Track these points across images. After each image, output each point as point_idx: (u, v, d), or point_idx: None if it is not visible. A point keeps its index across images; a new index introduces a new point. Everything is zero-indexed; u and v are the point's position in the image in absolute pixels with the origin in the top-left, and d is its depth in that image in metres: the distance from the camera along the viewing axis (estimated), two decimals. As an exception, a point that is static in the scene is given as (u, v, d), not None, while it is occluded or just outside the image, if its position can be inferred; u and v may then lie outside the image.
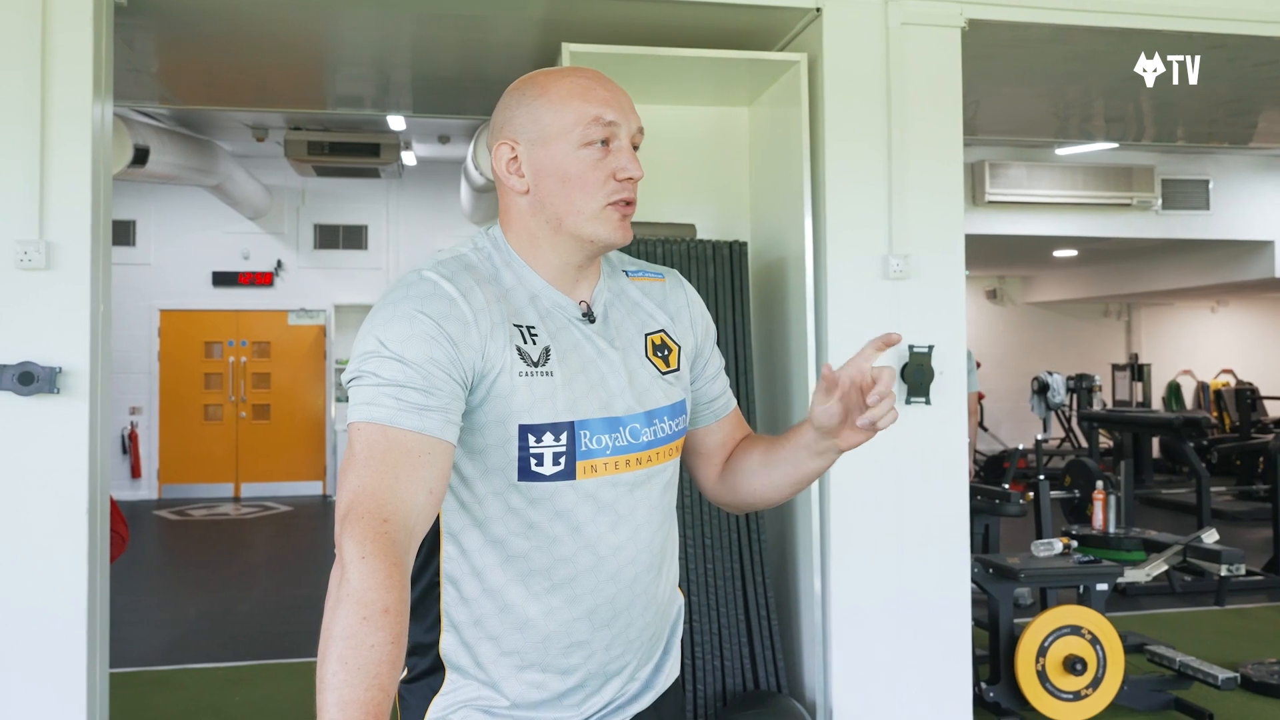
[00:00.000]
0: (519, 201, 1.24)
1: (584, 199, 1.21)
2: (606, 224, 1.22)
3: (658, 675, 1.34)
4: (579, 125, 1.20)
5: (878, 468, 3.21)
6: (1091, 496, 4.85)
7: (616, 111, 1.22)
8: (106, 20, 2.94)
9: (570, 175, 1.21)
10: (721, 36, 3.52)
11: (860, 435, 1.26)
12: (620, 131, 1.22)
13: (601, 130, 1.21)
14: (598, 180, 1.21)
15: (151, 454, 10.50)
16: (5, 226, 2.77)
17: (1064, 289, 13.11)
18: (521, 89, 1.25)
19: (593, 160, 1.21)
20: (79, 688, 2.78)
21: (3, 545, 2.75)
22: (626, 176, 1.22)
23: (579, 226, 1.22)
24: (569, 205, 1.21)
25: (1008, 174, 8.32)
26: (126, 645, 5.04)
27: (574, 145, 1.20)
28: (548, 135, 1.21)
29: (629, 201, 1.23)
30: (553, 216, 1.22)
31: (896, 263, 3.22)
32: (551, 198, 1.22)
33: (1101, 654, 3.69)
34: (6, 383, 2.72)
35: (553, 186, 1.21)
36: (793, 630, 3.46)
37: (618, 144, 1.23)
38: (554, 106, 1.21)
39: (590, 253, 1.25)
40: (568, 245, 1.24)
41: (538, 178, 1.22)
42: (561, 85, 1.22)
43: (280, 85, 4.75)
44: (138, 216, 10.30)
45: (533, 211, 1.23)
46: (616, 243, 1.24)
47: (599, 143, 1.21)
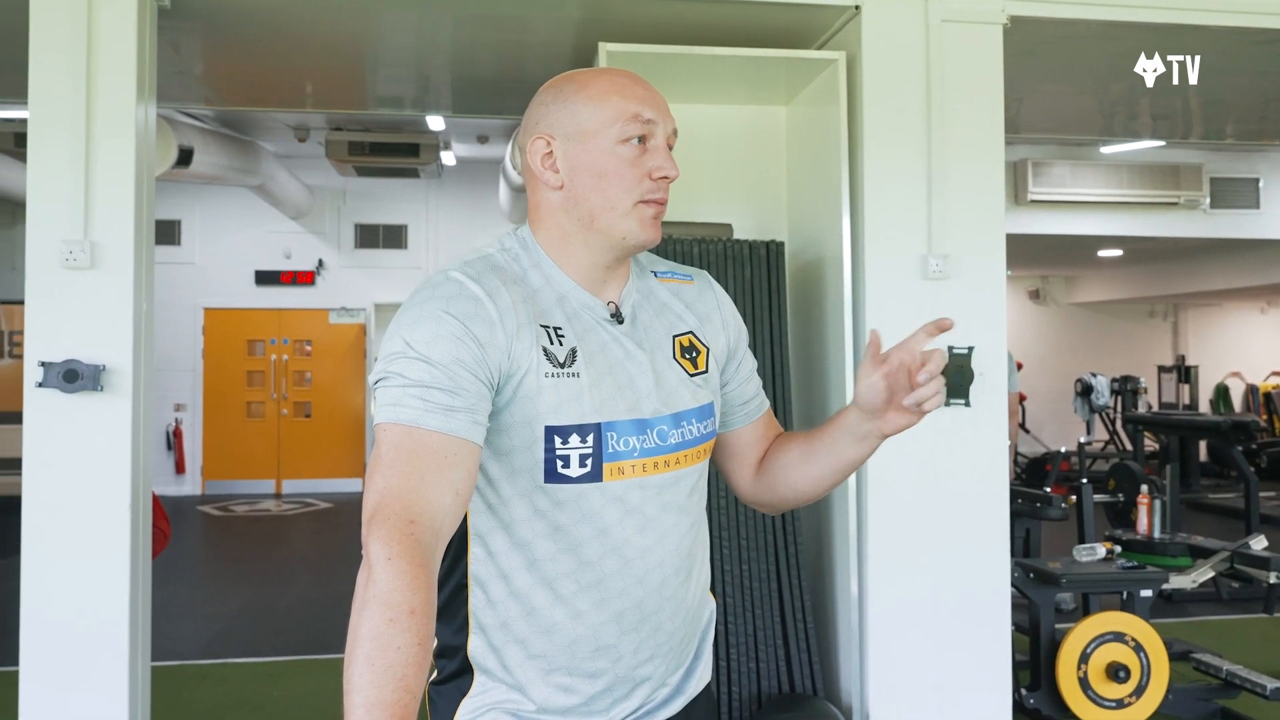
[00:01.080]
0: (551, 198, 1.24)
1: (619, 195, 1.21)
2: (638, 221, 1.22)
3: (688, 680, 1.32)
4: (617, 121, 1.20)
5: (916, 469, 3.18)
6: (1136, 500, 4.76)
7: (655, 110, 1.22)
8: (150, 23, 2.98)
9: (606, 171, 1.21)
10: (759, 35, 3.50)
11: (905, 418, 1.24)
12: (657, 130, 1.22)
13: (639, 127, 1.21)
14: (634, 177, 1.21)
15: (195, 450, 10.66)
16: (52, 226, 2.82)
17: (1109, 289, 12.90)
18: (559, 86, 1.25)
19: (630, 157, 1.21)
20: (121, 681, 2.83)
21: (48, 540, 2.80)
22: (662, 175, 1.22)
23: (611, 223, 1.21)
24: (603, 201, 1.21)
25: (1051, 173, 8.20)
26: (170, 639, 5.11)
27: (612, 141, 1.20)
28: (585, 131, 1.21)
29: (661, 201, 1.23)
30: (585, 213, 1.22)
31: (936, 263, 3.18)
32: (586, 193, 1.21)
33: (1145, 661, 3.62)
34: (52, 380, 2.77)
35: (588, 182, 1.21)
36: (829, 633, 3.44)
37: (654, 143, 1.22)
38: (593, 103, 1.21)
39: (620, 252, 1.24)
40: (598, 243, 1.23)
41: (573, 173, 1.22)
42: (600, 82, 1.23)
43: (322, 86, 4.80)
44: (183, 216, 10.45)
45: (565, 208, 1.23)
46: (647, 242, 1.23)
47: (635, 140, 1.21)
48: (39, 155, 2.83)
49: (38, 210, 2.83)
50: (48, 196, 2.82)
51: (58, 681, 2.80)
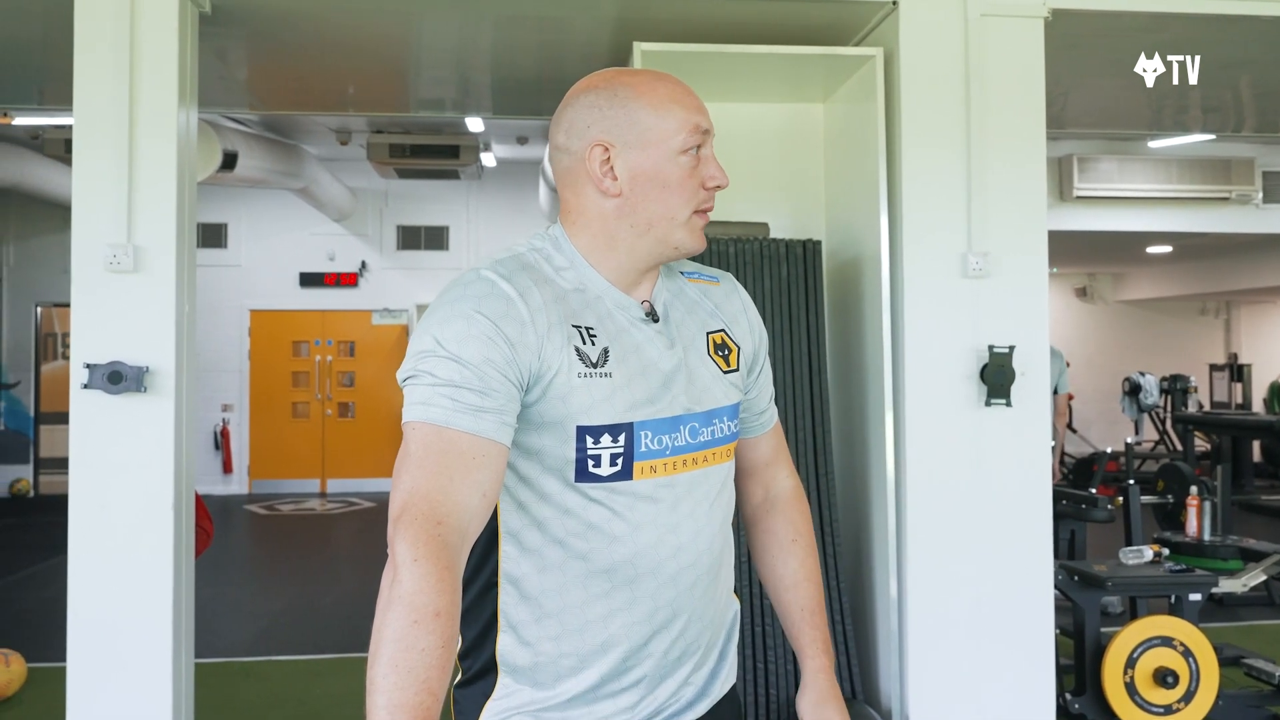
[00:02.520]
0: (603, 204, 1.23)
1: (679, 205, 1.22)
2: (692, 231, 1.24)
3: (714, 681, 1.32)
4: (681, 132, 1.21)
5: (956, 469, 3.14)
6: (1185, 502, 4.67)
7: (709, 120, 1.25)
8: (191, 29, 3.02)
9: (670, 182, 1.22)
10: (795, 32, 3.47)
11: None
12: (709, 139, 1.25)
13: (699, 138, 1.22)
14: (692, 188, 1.23)
15: (242, 450, 10.82)
16: (96, 230, 2.87)
17: (1158, 286, 12.67)
18: (609, 89, 1.22)
19: (689, 168, 1.22)
20: (164, 676, 2.87)
21: (93, 538, 2.85)
22: (715, 185, 1.24)
23: (669, 232, 1.23)
24: (664, 210, 1.22)
25: (1097, 168, 8.06)
26: (216, 637, 5.19)
27: (675, 152, 1.21)
28: (647, 140, 1.21)
29: (710, 209, 1.26)
30: (643, 220, 1.22)
31: (976, 261, 3.14)
32: (647, 202, 1.22)
33: (1194, 667, 3.54)
34: (97, 381, 2.82)
35: (650, 192, 1.22)
36: (868, 636, 3.40)
37: (705, 151, 1.24)
38: (655, 111, 1.21)
39: (666, 258, 1.26)
40: (646, 249, 1.24)
41: (634, 182, 1.21)
42: (659, 89, 1.23)
43: (364, 89, 4.84)
44: (229, 219, 10.61)
45: (619, 214, 1.23)
46: (696, 249, 1.26)
47: (694, 150, 1.22)
48: (84, 161, 2.88)
49: (83, 215, 2.88)
50: (92, 201, 2.87)
51: (103, 676, 2.85)
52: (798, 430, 3.33)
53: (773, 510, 1.43)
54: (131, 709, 2.86)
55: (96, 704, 2.85)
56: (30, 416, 10.67)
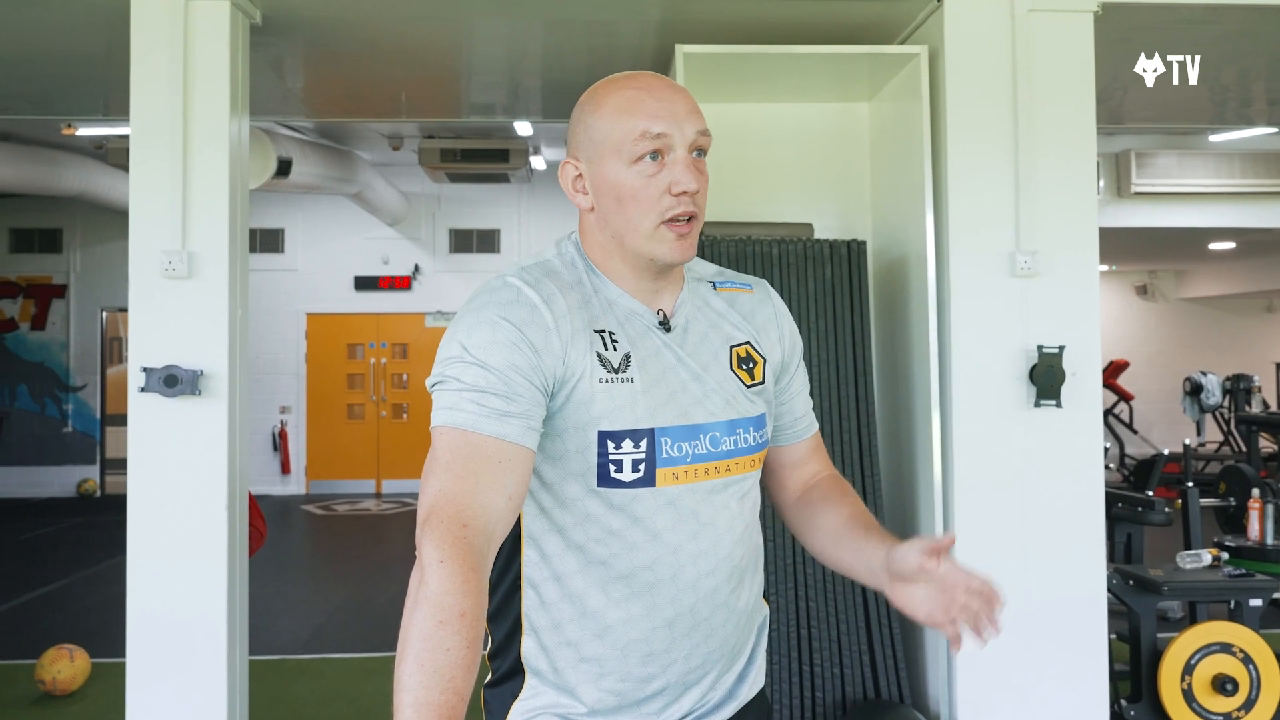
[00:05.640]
0: (587, 217, 1.25)
1: (639, 217, 1.19)
2: (662, 243, 1.19)
3: (740, 685, 1.31)
4: (626, 141, 1.17)
5: (1005, 470, 3.10)
6: (1247, 505, 4.56)
7: (667, 121, 1.18)
8: (242, 40, 3.09)
9: (624, 194, 1.19)
10: (839, 31, 3.46)
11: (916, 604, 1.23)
12: (674, 142, 1.18)
13: (650, 143, 1.17)
14: (652, 197, 1.18)
15: (299, 451, 11.01)
16: (152, 238, 2.95)
17: (1221, 283, 12.35)
18: (582, 103, 1.24)
19: (645, 176, 1.18)
20: (219, 673, 2.94)
21: (150, 537, 2.93)
22: (681, 190, 1.18)
23: (638, 245, 1.20)
24: (627, 223, 1.20)
25: (1156, 163, 7.88)
26: (272, 634, 5.29)
27: (625, 162, 1.18)
28: (601, 153, 1.20)
29: (690, 216, 1.19)
30: (615, 233, 1.22)
31: (1024, 260, 3.09)
32: (611, 215, 1.21)
33: (1255, 674, 3.45)
34: (153, 385, 2.89)
35: (610, 205, 1.20)
36: (916, 638, 3.37)
37: (672, 156, 1.18)
38: (603, 123, 1.19)
39: (656, 269, 1.23)
40: (634, 260, 1.23)
41: (598, 195, 1.22)
42: (613, 99, 1.20)
43: (416, 95, 4.91)
44: (286, 225, 10.81)
45: (599, 227, 1.24)
46: (675, 262, 1.21)
47: (649, 157, 1.18)
48: (140, 170, 2.96)
49: (140, 223, 2.96)
50: (149, 209, 2.95)
51: (161, 672, 2.92)
52: (843, 432, 3.31)
53: (812, 489, 1.40)
54: (188, 704, 2.93)
55: (155, 699, 2.93)
56: (96, 418, 10.97)
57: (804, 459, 1.42)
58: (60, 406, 10.94)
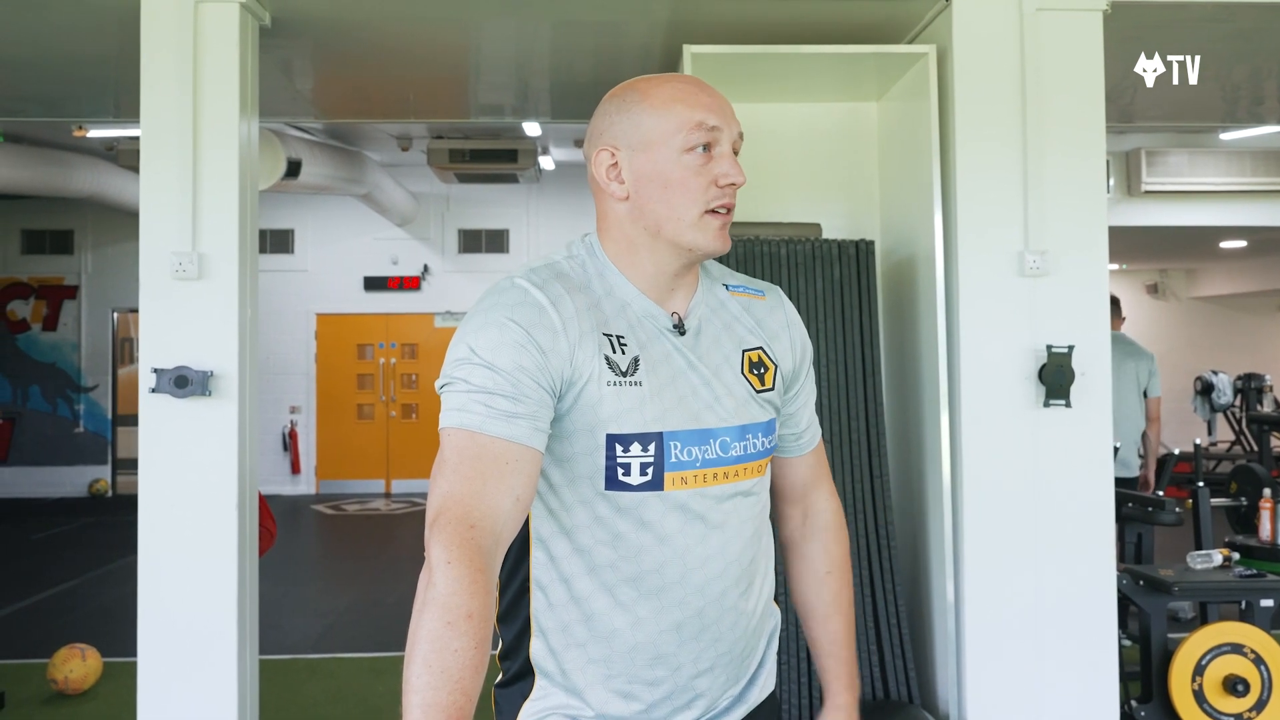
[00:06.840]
0: (617, 208, 1.24)
1: (684, 205, 1.21)
2: (706, 231, 1.22)
3: (750, 689, 1.32)
4: (682, 130, 1.20)
5: (1014, 471, 3.09)
6: (1259, 505, 4.53)
7: (719, 117, 1.22)
8: (251, 42, 3.10)
9: (672, 181, 1.21)
10: (847, 31, 3.45)
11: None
12: (722, 137, 1.22)
13: (704, 135, 1.20)
14: (700, 186, 1.21)
15: (309, 451, 11.05)
16: (163, 239, 2.96)
17: (1233, 282, 12.30)
18: (621, 95, 1.25)
19: (695, 166, 1.21)
20: (230, 672, 2.95)
21: (161, 537, 2.94)
22: (729, 182, 1.21)
23: (678, 233, 1.21)
24: (669, 211, 1.21)
25: (1167, 162, 7.85)
26: (282, 634, 5.32)
27: (677, 151, 1.20)
28: (649, 140, 1.21)
29: (729, 208, 1.23)
30: (652, 223, 1.22)
31: (1033, 259, 3.09)
32: (652, 204, 1.22)
33: (1267, 675, 3.44)
34: (164, 386, 2.90)
35: (654, 192, 1.21)
36: (925, 639, 3.36)
37: (719, 150, 1.22)
38: (656, 111, 1.21)
39: (688, 261, 1.24)
40: (665, 252, 1.23)
41: (638, 184, 1.22)
42: (663, 90, 1.23)
43: (424, 97, 4.92)
44: (295, 225, 10.85)
45: (632, 218, 1.23)
46: (715, 251, 1.23)
47: (700, 148, 1.20)
48: (150, 172, 2.97)
49: (150, 224, 2.97)
50: (159, 211, 2.97)
51: (171, 671, 2.93)
52: (852, 433, 3.31)
53: (810, 537, 1.42)
54: (199, 703, 2.94)
55: (166, 698, 2.94)
56: (108, 419, 11.02)
57: (806, 484, 1.42)
58: (72, 407, 11.00)
